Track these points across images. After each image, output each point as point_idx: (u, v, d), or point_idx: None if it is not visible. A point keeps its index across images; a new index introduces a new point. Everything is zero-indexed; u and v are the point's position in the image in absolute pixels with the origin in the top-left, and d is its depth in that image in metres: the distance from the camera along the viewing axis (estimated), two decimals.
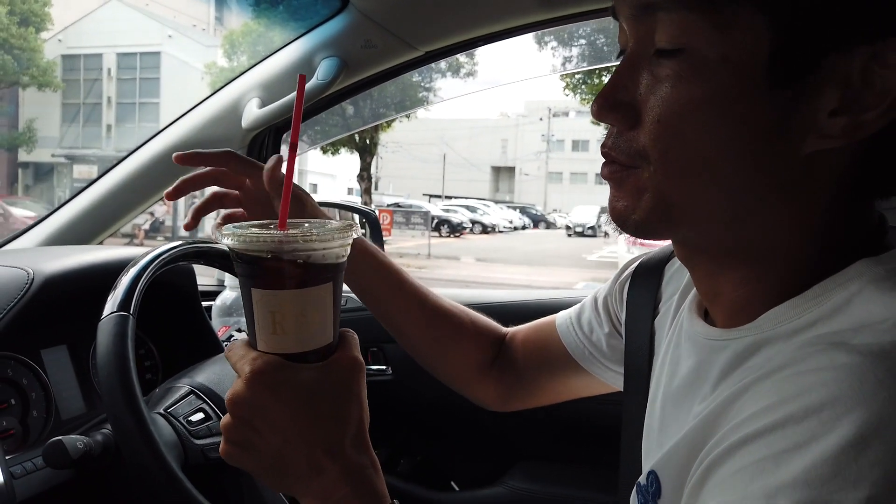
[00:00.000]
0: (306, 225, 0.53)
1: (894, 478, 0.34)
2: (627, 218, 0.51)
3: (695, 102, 0.45)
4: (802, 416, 0.37)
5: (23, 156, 23.70)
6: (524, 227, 29.99)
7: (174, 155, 0.81)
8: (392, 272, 0.86)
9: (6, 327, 0.85)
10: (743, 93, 0.44)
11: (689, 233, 0.51)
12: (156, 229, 15.12)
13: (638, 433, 0.65)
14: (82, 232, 1.42)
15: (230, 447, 0.52)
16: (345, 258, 0.52)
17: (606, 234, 22.09)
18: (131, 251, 1.02)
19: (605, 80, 0.53)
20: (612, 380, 0.80)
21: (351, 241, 0.51)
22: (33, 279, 0.89)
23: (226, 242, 0.50)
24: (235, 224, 0.51)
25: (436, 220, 21.34)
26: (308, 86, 1.29)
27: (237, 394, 0.50)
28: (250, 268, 0.50)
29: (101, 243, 1.47)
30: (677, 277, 0.69)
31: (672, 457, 0.50)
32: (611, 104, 0.50)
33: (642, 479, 0.55)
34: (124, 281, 0.83)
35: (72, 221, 1.41)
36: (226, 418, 0.51)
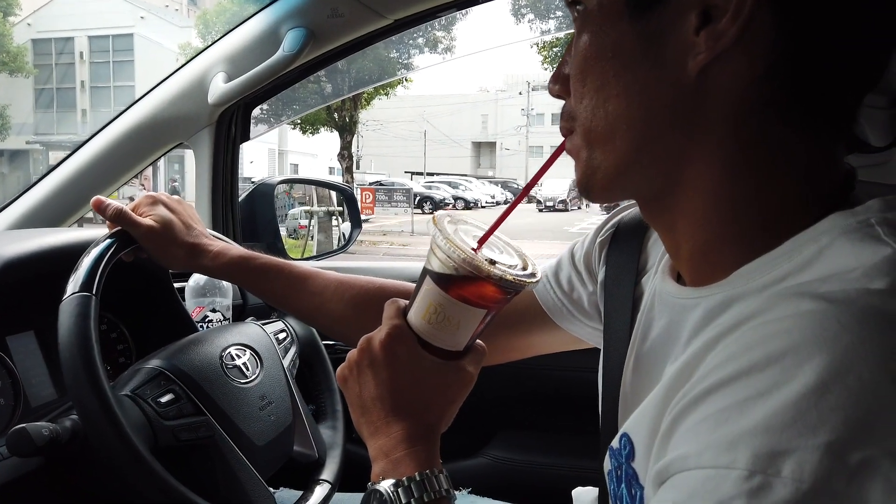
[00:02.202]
0: (505, 257, 0.61)
1: (854, 423, 0.34)
2: (580, 186, 0.54)
3: (588, 52, 0.50)
4: (765, 364, 0.37)
5: None
6: (506, 202, 29.97)
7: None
8: (285, 270, 0.89)
9: None
10: (615, 32, 0.48)
11: (625, 184, 0.53)
12: None
13: (615, 397, 0.64)
14: (51, 215, 1.38)
15: (344, 371, 0.63)
16: (508, 297, 0.59)
17: (578, 208, 22.16)
18: (94, 232, 0.99)
19: None
20: (589, 336, 0.80)
21: (526, 288, 0.57)
22: None
23: (435, 236, 0.57)
24: (449, 218, 0.61)
25: (418, 198, 21.25)
26: (274, 58, 1.26)
27: (371, 339, 0.61)
28: (436, 263, 0.58)
29: (80, 225, 1.43)
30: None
31: (643, 417, 0.49)
32: (554, 78, 0.55)
33: (615, 442, 0.54)
34: (85, 261, 0.80)
35: (39, 205, 1.37)
36: (355, 349, 0.62)
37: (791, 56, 0.44)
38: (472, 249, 0.57)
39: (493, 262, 0.56)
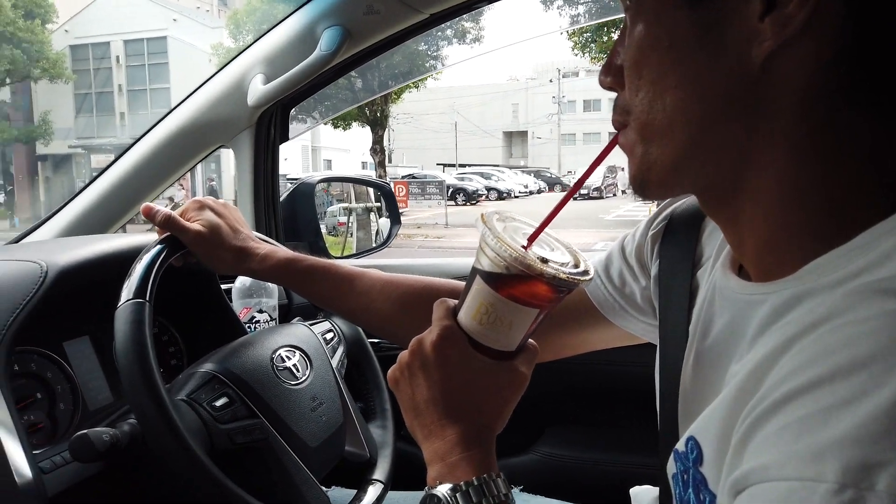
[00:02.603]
0: (556, 254, 0.59)
1: None
2: (634, 183, 0.53)
3: (643, 42, 0.48)
4: (850, 369, 0.35)
5: (40, 148, 23.94)
6: (539, 191, 29.73)
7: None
8: (331, 271, 0.89)
9: (25, 322, 0.84)
10: (672, 20, 0.47)
11: (682, 180, 0.51)
12: None
13: (674, 394, 0.62)
14: (98, 221, 1.41)
15: (395, 373, 0.63)
16: (561, 295, 0.58)
17: (613, 195, 21.86)
18: (144, 238, 1.00)
19: (616, 37, 0.56)
20: (642, 332, 0.78)
21: (579, 286, 0.56)
22: (47, 272, 0.88)
23: (483, 233, 0.56)
24: (498, 216, 0.60)
25: (451, 189, 21.24)
26: (311, 58, 1.26)
27: (422, 341, 0.60)
28: (485, 262, 0.57)
29: (123, 229, 1.46)
30: (718, 231, 0.67)
31: (711, 420, 0.48)
32: (605, 69, 0.53)
33: (680, 445, 0.52)
34: (138, 268, 0.82)
35: (86, 211, 1.41)
36: (406, 351, 0.62)
37: (860, 38, 0.42)
38: (523, 247, 0.56)
39: (545, 261, 0.55)
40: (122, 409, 0.89)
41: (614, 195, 21.96)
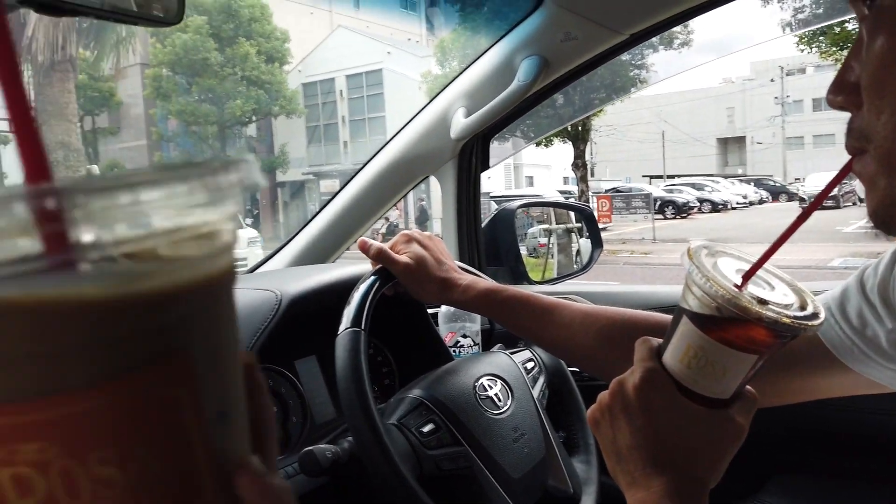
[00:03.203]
0: (777, 294, 0.53)
1: None
2: (875, 218, 0.47)
3: (886, 58, 0.43)
4: None
5: (279, 176, 27.20)
6: (761, 202, 27.28)
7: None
8: (531, 302, 0.88)
9: (263, 343, 0.96)
10: None
11: None
12: (391, 232, 16.48)
13: None
14: (322, 250, 1.57)
15: (595, 413, 0.60)
16: (784, 342, 0.52)
17: (853, 204, 19.28)
18: (360, 268, 1.09)
19: (849, 27, 0.49)
20: (890, 380, 0.66)
21: (807, 332, 0.50)
22: (281, 300, 0.99)
23: (692, 274, 0.51)
24: (706, 251, 0.55)
25: (658, 202, 20.31)
26: (509, 89, 1.29)
27: (623, 383, 0.58)
28: (693, 303, 0.52)
29: (348, 249, 1.61)
30: None
31: None
32: (836, 87, 0.47)
33: None
34: (355, 298, 0.89)
35: (312, 241, 1.57)
36: (606, 392, 0.59)
37: None
38: (736, 286, 0.50)
39: (763, 302, 0.49)
40: (344, 425, 0.97)
41: (854, 204, 19.45)
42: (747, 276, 0.52)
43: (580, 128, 13.88)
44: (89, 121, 22.10)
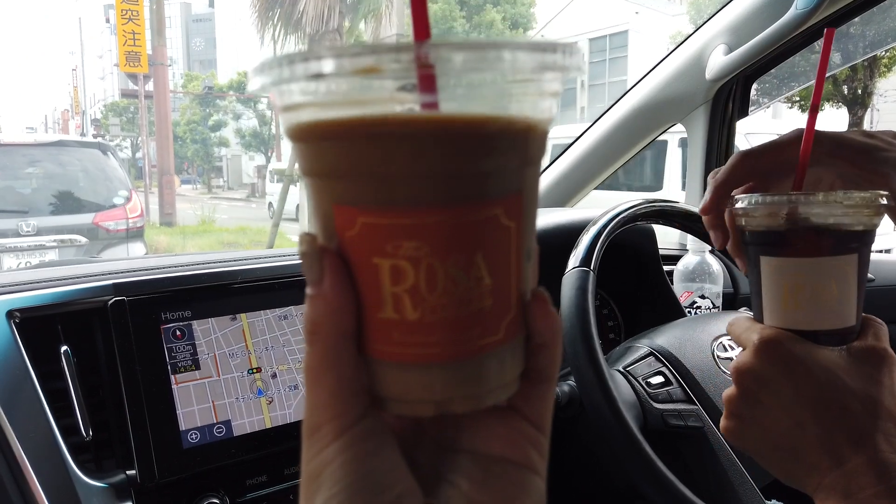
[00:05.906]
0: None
1: None
2: None
3: None
4: None
5: None
6: None
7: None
8: None
9: None
10: None
11: None
12: None
13: None
14: (557, 195, 1.54)
15: (732, 422, 0.49)
16: (874, 228, 0.47)
17: None
18: (593, 213, 1.04)
19: None
20: None
21: (881, 206, 0.46)
22: None
23: (737, 206, 0.49)
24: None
25: None
26: (783, 19, 1.11)
27: (743, 363, 0.48)
28: (760, 235, 0.48)
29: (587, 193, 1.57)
30: None
31: None
32: None
33: None
34: (585, 239, 0.84)
35: (550, 186, 1.55)
36: (730, 390, 0.50)
37: None
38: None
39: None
40: (562, 370, 0.94)
41: None
42: (796, 185, 0.49)
43: (860, 90, 12.01)
44: None
